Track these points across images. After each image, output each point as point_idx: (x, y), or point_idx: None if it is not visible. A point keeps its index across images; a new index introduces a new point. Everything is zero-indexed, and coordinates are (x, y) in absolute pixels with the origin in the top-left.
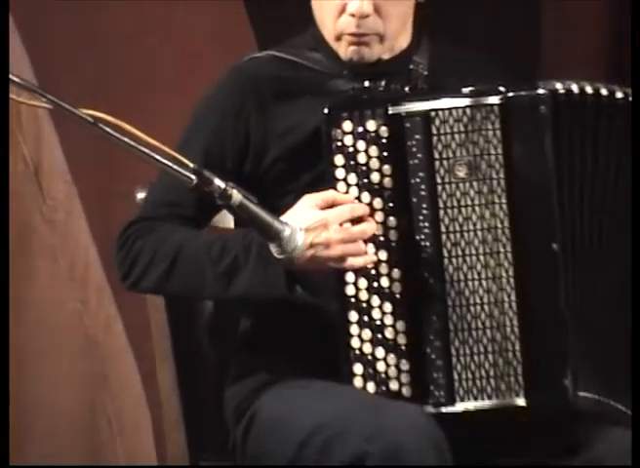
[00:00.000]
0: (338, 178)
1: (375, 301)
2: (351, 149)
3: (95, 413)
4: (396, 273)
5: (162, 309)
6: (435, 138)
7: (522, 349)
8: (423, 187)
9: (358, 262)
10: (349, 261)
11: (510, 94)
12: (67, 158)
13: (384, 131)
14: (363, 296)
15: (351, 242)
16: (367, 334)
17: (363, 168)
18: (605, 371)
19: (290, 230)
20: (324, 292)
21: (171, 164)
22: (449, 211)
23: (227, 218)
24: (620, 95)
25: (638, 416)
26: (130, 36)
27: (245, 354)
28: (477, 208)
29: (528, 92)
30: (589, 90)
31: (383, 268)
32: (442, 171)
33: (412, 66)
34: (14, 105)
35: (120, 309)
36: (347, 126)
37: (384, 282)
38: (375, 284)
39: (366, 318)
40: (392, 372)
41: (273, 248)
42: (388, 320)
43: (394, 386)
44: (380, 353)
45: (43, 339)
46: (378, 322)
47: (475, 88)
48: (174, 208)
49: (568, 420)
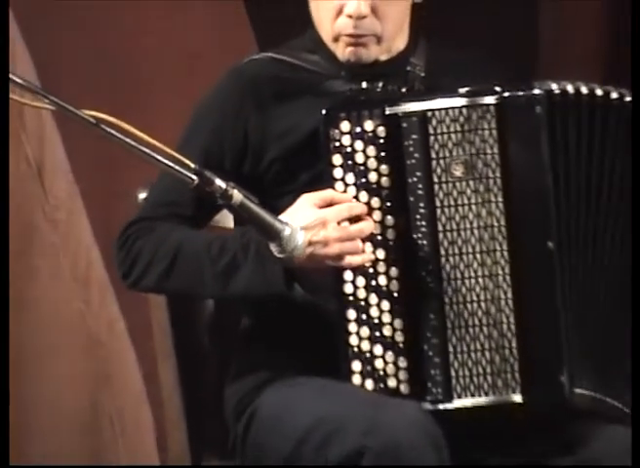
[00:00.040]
0: (336, 178)
1: (373, 299)
2: (349, 149)
3: (97, 413)
4: (394, 271)
5: (164, 308)
6: (432, 138)
7: (518, 346)
8: (421, 186)
9: (356, 261)
10: (347, 260)
11: (506, 94)
12: (70, 158)
13: (382, 131)
14: (361, 294)
15: (349, 240)
16: (365, 332)
17: (361, 167)
18: (601, 369)
19: (290, 230)
20: (322, 291)
21: (172, 164)
22: (446, 209)
23: (228, 218)
24: (615, 95)
25: (638, 416)
26: (130, 36)
27: (245, 352)
28: (474, 206)
29: (524, 92)
30: (584, 90)
31: (381, 266)
32: (439, 170)
33: (409, 68)
34: (17, 106)
35: (122, 308)
36: (345, 126)
37: (382, 280)
38: (373, 282)
39: (364, 316)
40: (390, 370)
41: (274, 247)
42: (386, 318)
43: (392, 383)
44: (379, 350)
45: (46, 339)
46: (376, 320)
47: (471, 88)
48: (174, 207)
49: (564, 417)
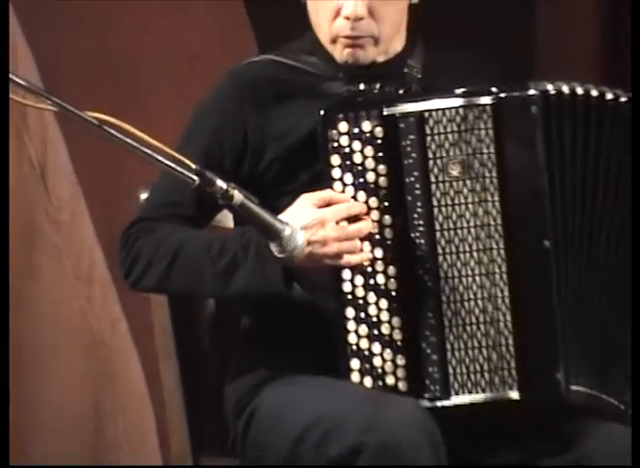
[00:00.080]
0: (334, 178)
1: (371, 298)
2: (347, 150)
3: (100, 412)
4: (392, 270)
5: (165, 309)
6: (429, 138)
7: (515, 343)
8: (418, 186)
9: (354, 260)
10: (346, 259)
11: (502, 94)
12: (72, 159)
13: (379, 131)
14: (359, 293)
15: (348, 240)
16: (363, 330)
17: (359, 167)
18: (597, 366)
19: (290, 230)
20: (321, 290)
21: (174, 165)
22: (443, 209)
23: (229, 218)
24: (611, 96)
25: (638, 416)
26: (130, 36)
27: (245, 351)
28: (470, 205)
29: (519, 92)
30: (580, 91)
31: (379, 265)
32: (436, 170)
33: (406, 69)
34: (20, 107)
35: (123, 309)
36: (343, 127)
37: (380, 279)
38: (371, 281)
39: (362, 314)
40: (388, 367)
41: (274, 247)
42: (384, 316)
43: (390, 381)
44: (377, 348)
45: (48, 338)
46: (374, 318)
47: (468, 89)
48: (175, 208)
49: (561, 414)
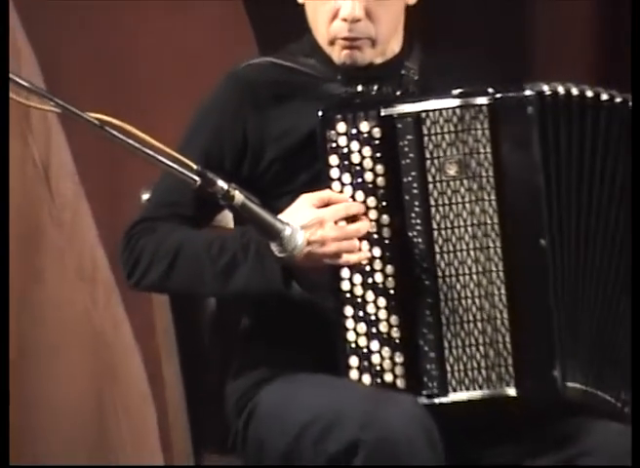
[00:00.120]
0: (332, 178)
1: (369, 296)
2: (345, 150)
3: (103, 411)
4: (390, 269)
5: (167, 308)
6: (426, 138)
7: (512, 341)
8: (415, 186)
9: (353, 259)
10: (344, 258)
11: (498, 95)
12: (75, 159)
13: (377, 132)
14: (358, 292)
15: (346, 239)
16: (362, 328)
17: (357, 168)
18: (594, 364)
19: (291, 230)
20: (320, 288)
21: (175, 166)
22: (440, 208)
23: (230, 219)
24: (606, 96)
25: (638, 416)
26: (130, 36)
27: (245, 350)
28: (467, 205)
29: (515, 93)
30: (575, 91)
31: (377, 264)
32: (433, 169)
33: (403, 71)
34: (23, 108)
35: (126, 308)
36: (341, 127)
37: (378, 277)
38: (369, 279)
39: (361, 312)
40: (387, 365)
41: (274, 247)
42: (382, 314)
43: (389, 378)
44: (375, 346)
45: (52, 339)
46: (372, 316)
47: (464, 90)
48: (176, 208)
49: (559, 412)
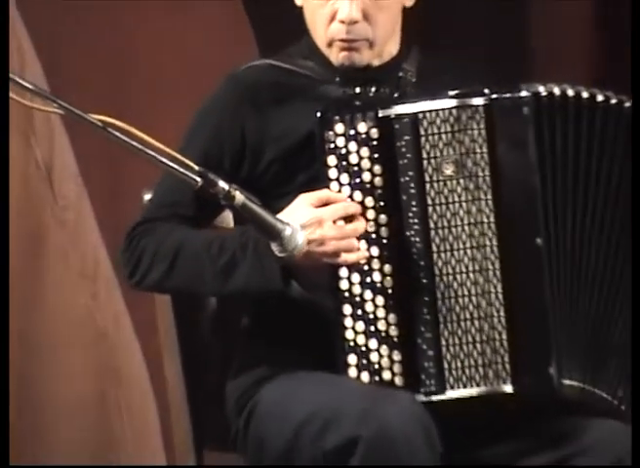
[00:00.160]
0: (331, 178)
1: (367, 295)
2: (343, 150)
3: (106, 404)
4: (387, 268)
5: (168, 306)
6: (423, 139)
7: (508, 338)
8: (413, 185)
9: (351, 258)
10: (343, 257)
11: (494, 95)
12: (78, 160)
13: (375, 132)
14: (356, 290)
15: (345, 238)
16: (360, 327)
17: (355, 168)
18: (590, 362)
19: (291, 230)
20: (319, 287)
21: (177, 167)
22: (437, 207)
23: (231, 219)
24: (601, 97)
25: (638, 416)
26: (130, 36)
27: (246, 348)
28: (464, 204)
29: (511, 94)
30: (571, 92)
31: (375, 263)
32: (430, 169)
33: (401, 74)
34: (26, 109)
35: (128, 306)
36: (339, 128)
37: (376, 276)
38: (367, 278)
39: (359, 311)
40: (385, 363)
41: (275, 247)
42: (381, 313)
43: (387, 376)
44: (374, 344)
45: (55, 334)
46: (370, 315)
47: (460, 90)
48: (176, 208)
49: (556, 409)
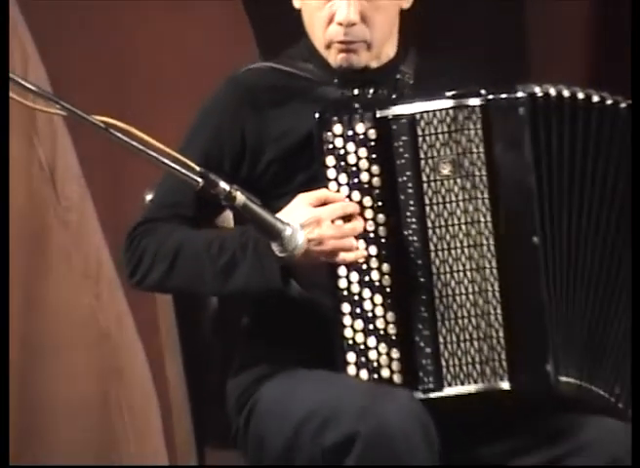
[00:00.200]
0: (329, 178)
1: (366, 294)
2: (342, 151)
3: (108, 404)
4: (386, 267)
5: (170, 305)
6: (420, 139)
7: (505, 336)
8: (410, 185)
9: (349, 257)
10: (341, 256)
11: (490, 96)
12: (80, 161)
13: (373, 133)
14: (355, 289)
15: (343, 238)
16: (359, 325)
17: (353, 168)
18: (586, 359)
19: (291, 230)
20: (318, 286)
21: (178, 167)
22: (434, 207)
23: (231, 219)
24: (597, 98)
25: (638, 416)
26: (130, 36)
27: (246, 347)
28: (461, 203)
29: (507, 94)
30: (566, 93)
31: (374, 262)
32: (427, 169)
33: (398, 76)
34: (29, 110)
35: (130, 306)
36: (338, 129)
37: (375, 275)
38: (366, 277)
39: (358, 309)
40: (384, 360)
41: (275, 246)
42: (379, 311)
43: (385, 373)
44: (372, 342)
45: (58, 334)
46: (369, 313)
47: (457, 91)
48: (177, 208)
49: (553, 406)
